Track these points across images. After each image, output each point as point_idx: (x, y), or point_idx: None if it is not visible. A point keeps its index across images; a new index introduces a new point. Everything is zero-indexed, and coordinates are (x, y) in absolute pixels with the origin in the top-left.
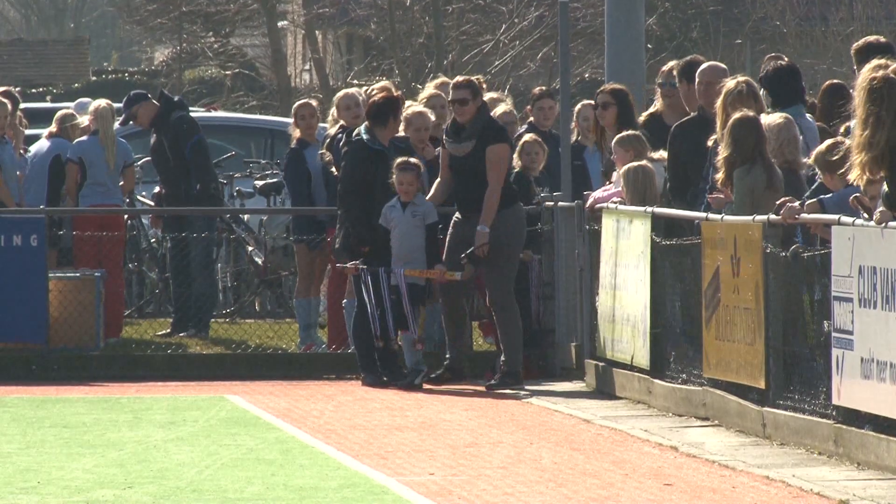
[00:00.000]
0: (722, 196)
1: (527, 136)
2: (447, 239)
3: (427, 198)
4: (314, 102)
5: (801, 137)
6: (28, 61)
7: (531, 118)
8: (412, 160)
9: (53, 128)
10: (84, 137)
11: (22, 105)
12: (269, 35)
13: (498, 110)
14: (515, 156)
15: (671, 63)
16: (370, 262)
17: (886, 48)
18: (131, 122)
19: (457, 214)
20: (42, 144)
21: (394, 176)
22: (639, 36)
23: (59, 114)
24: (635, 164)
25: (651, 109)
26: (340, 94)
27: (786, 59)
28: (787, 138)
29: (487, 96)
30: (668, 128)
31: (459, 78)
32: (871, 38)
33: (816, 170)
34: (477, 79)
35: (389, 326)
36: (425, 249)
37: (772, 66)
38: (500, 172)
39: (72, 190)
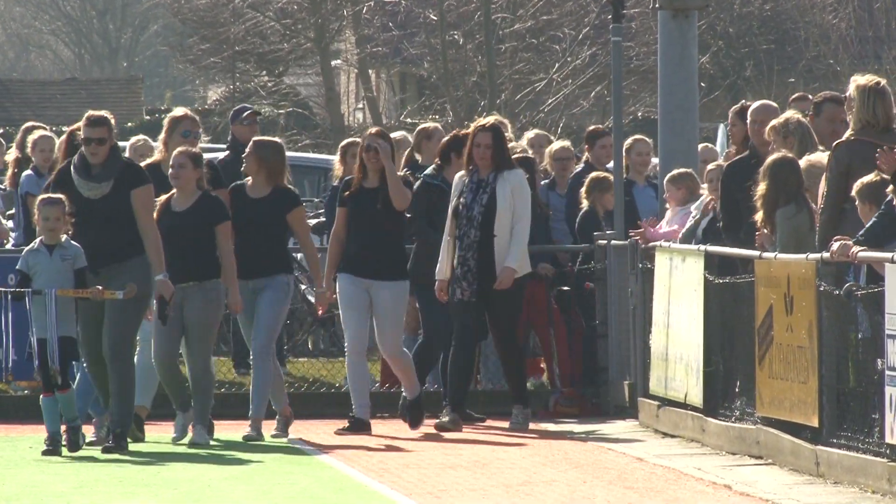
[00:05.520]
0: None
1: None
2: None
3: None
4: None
5: None
6: (81, 100)
7: (587, 156)
8: (56, 195)
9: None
10: None
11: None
12: (323, 74)
13: (554, 146)
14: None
15: None
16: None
17: None
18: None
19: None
20: None
21: (35, 214)
22: (692, 74)
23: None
24: None
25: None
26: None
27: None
28: None
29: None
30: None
31: (93, 114)
32: None
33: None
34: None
35: (55, 359)
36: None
37: None
38: (153, 215)
39: None
